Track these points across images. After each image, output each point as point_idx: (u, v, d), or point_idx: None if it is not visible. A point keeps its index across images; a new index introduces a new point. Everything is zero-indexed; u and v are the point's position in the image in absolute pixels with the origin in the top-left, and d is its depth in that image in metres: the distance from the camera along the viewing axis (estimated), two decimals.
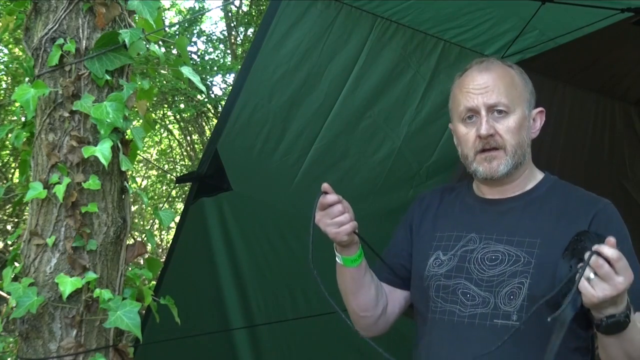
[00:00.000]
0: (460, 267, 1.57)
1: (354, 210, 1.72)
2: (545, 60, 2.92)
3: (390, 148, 2.75)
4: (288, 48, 2.42)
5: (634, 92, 3.52)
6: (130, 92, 1.67)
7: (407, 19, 2.58)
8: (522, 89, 1.62)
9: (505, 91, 1.57)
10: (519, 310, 1.47)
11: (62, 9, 1.65)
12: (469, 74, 1.62)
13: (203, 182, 2.54)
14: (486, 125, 1.55)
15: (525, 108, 1.61)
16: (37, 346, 1.60)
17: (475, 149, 1.58)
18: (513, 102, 1.57)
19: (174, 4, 7.84)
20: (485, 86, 1.58)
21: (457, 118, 1.63)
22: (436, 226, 1.69)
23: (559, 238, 1.49)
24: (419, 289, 1.65)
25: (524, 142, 1.59)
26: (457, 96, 1.63)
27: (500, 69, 1.62)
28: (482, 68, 1.61)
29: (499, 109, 1.56)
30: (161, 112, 7.55)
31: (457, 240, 1.61)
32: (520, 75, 1.64)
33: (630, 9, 2.45)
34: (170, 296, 1.82)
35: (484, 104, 1.56)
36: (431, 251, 1.64)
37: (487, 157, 1.57)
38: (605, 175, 3.55)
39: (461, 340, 1.51)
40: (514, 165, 1.58)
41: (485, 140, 1.56)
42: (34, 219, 1.64)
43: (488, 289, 1.51)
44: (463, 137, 1.61)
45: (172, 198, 8.17)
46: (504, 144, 1.56)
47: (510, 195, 1.63)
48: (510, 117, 1.57)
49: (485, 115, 1.56)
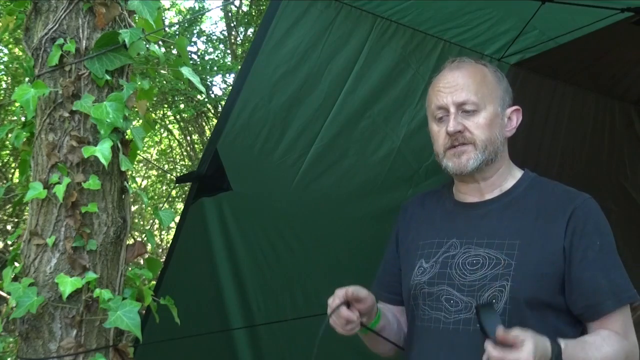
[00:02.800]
0: (443, 273, 1.57)
1: (353, 210, 1.72)
2: (545, 60, 2.92)
3: (389, 148, 2.75)
4: (288, 48, 2.42)
5: (634, 92, 3.52)
6: (130, 92, 1.67)
7: (407, 18, 2.58)
8: (494, 87, 1.63)
9: (475, 89, 1.58)
10: (501, 313, 1.47)
11: (62, 9, 1.65)
12: (441, 74, 1.65)
13: (203, 182, 2.54)
14: (453, 122, 1.57)
15: (497, 105, 1.61)
16: (37, 346, 1.60)
17: (445, 145, 1.60)
18: (483, 100, 1.58)
19: (174, 4, 7.84)
20: (455, 84, 1.59)
21: (431, 117, 1.66)
22: (419, 234, 1.70)
23: (538, 238, 1.51)
24: (407, 299, 1.66)
25: (495, 139, 1.59)
26: (430, 95, 1.66)
27: (471, 67, 1.63)
28: (454, 67, 1.63)
29: (468, 108, 1.58)
30: (161, 112, 7.55)
31: (439, 247, 1.62)
32: (494, 74, 1.65)
33: (630, 8, 2.45)
34: (170, 296, 1.82)
35: (452, 102, 1.58)
36: (416, 260, 1.65)
37: (456, 153, 1.58)
38: (605, 175, 3.56)
39: (448, 346, 1.52)
40: (484, 161, 1.58)
41: (453, 137, 1.57)
42: (34, 219, 1.64)
43: (470, 294, 1.51)
44: (435, 135, 1.63)
45: (172, 198, 8.17)
46: (473, 139, 1.57)
47: (489, 197, 1.63)
48: (481, 114, 1.58)
49: (454, 113, 1.57)
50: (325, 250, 2.79)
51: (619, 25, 2.55)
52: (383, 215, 2.77)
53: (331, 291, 1.60)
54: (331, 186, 2.69)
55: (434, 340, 1.55)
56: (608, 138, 3.56)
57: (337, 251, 2.80)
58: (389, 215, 2.74)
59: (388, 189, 2.80)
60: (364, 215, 2.79)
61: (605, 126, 3.54)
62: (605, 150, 3.56)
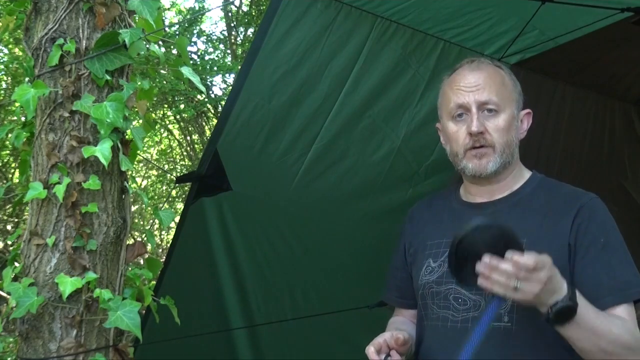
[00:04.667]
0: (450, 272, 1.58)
1: (353, 209, 1.73)
2: (545, 60, 2.92)
3: (389, 148, 2.75)
4: (288, 48, 2.42)
5: (634, 92, 3.52)
6: (130, 92, 1.67)
7: (407, 18, 2.58)
8: (512, 90, 1.63)
9: (496, 90, 1.58)
10: (509, 311, 1.47)
11: (62, 9, 1.65)
12: (460, 72, 1.64)
13: (203, 182, 2.54)
14: (477, 122, 1.56)
15: (514, 108, 1.62)
16: (37, 346, 1.60)
17: (465, 146, 1.59)
18: (503, 101, 1.59)
19: (174, 4, 7.84)
20: (477, 84, 1.59)
21: (447, 115, 1.64)
22: (427, 235, 1.71)
23: (545, 235, 1.51)
24: (417, 298, 1.68)
25: (512, 142, 1.60)
26: (448, 93, 1.64)
27: (491, 69, 1.63)
28: (474, 67, 1.63)
29: (490, 107, 1.58)
30: (161, 112, 7.55)
31: (446, 246, 1.62)
32: (510, 76, 1.65)
33: (630, 8, 2.45)
34: (170, 296, 1.82)
35: (475, 101, 1.57)
36: (424, 260, 1.66)
37: (478, 154, 1.58)
38: (605, 175, 3.56)
39: (456, 345, 1.52)
40: (503, 164, 1.59)
41: (475, 138, 1.57)
42: (34, 219, 1.64)
43: (478, 292, 1.51)
44: (453, 134, 1.62)
45: (172, 198, 8.17)
46: (493, 143, 1.57)
47: (498, 196, 1.64)
48: (500, 116, 1.58)
49: (476, 113, 1.57)
50: (325, 250, 2.79)
51: (619, 25, 2.55)
52: (383, 215, 2.78)
53: (331, 291, 1.60)
54: (331, 186, 2.69)
55: (442, 339, 1.56)
56: (608, 138, 3.55)
57: (337, 251, 2.80)
58: (389, 215, 2.76)
59: (388, 189, 2.80)
60: (364, 215, 2.79)
61: (605, 126, 3.54)
62: (605, 150, 3.56)
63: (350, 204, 2.77)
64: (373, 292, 2.26)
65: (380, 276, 1.94)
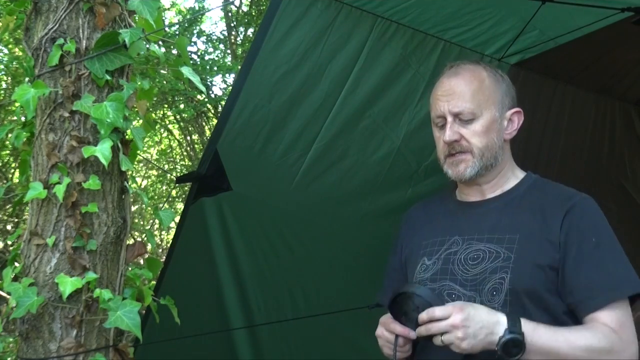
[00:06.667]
0: (445, 269, 1.59)
1: (353, 210, 1.75)
2: (545, 60, 2.92)
3: (389, 148, 2.75)
4: (288, 48, 2.42)
5: (634, 92, 3.52)
6: (130, 92, 1.67)
7: (408, 18, 2.58)
8: (492, 92, 1.64)
9: (471, 97, 1.60)
10: (502, 305, 1.48)
11: (62, 9, 1.65)
12: (440, 79, 1.69)
13: (203, 182, 2.54)
14: (449, 132, 1.60)
15: (495, 110, 1.62)
16: (37, 346, 1.60)
17: (444, 153, 1.64)
18: (480, 107, 1.60)
19: (174, 4, 7.84)
20: (451, 93, 1.62)
21: (432, 122, 1.70)
22: (422, 235, 1.73)
23: (537, 232, 1.53)
24: None
25: (493, 144, 1.62)
26: (431, 102, 1.70)
27: (467, 74, 1.64)
28: (451, 74, 1.67)
29: (463, 117, 1.61)
30: (161, 112, 7.55)
31: (441, 244, 1.65)
32: (493, 77, 1.66)
33: (630, 8, 2.45)
34: (170, 296, 1.82)
35: (449, 111, 1.62)
36: (419, 259, 1.67)
37: (454, 162, 1.63)
38: (605, 175, 3.55)
39: None
40: (483, 167, 1.62)
41: (450, 146, 1.62)
42: (34, 219, 1.64)
43: (473, 288, 1.53)
44: (436, 141, 1.68)
45: (172, 198, 8.17)
46: (470, 148, 1.61)
47: (489, 196, 1.67)
48: (477, 122, 1.60)
49: (451, 122, 1.61)
50: (325, 250, 2.79)
51: (619, 25, 2.55)
52: (383, 215, 2.78)
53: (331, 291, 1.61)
54: (331, 186, 2.69)
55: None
56: (608, 138, 3.55)
57: (337, 251, 2.80)
58: (389, 215, 2.76)
59: (388, 189, 2.80)
60: (364, 215, 2.79)
61: (605, 126, 3.53)
62: (605, 150, 3.56)
63: (350, 204, 2.77)
64: (373, 292, 2.26)
65: (380, 276, 1.95)
